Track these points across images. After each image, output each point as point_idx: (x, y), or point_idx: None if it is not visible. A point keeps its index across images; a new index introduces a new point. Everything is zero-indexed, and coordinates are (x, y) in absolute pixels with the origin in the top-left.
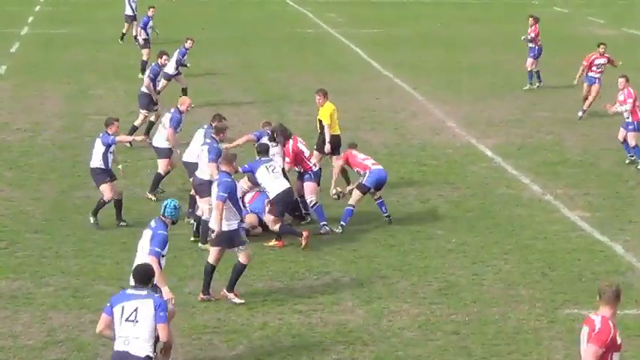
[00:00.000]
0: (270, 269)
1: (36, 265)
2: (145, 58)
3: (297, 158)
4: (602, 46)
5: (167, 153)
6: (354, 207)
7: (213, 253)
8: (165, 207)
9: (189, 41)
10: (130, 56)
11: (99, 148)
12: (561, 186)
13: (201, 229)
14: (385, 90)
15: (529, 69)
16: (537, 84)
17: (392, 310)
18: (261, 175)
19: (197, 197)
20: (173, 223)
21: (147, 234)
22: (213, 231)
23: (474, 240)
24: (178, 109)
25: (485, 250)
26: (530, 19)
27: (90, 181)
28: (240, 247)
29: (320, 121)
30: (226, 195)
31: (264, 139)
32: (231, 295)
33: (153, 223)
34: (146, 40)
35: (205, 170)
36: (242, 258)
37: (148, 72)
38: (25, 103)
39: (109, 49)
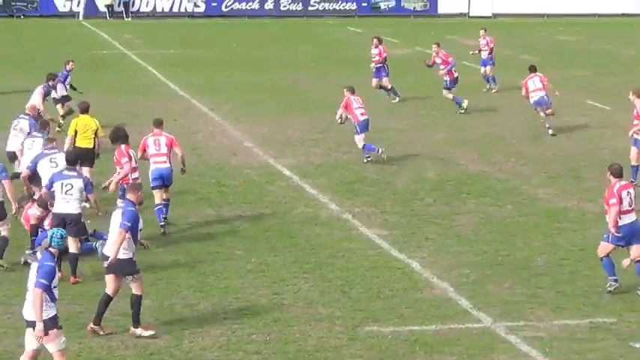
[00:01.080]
0: (69, 292)
1: None
2: None
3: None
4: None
5: None
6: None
7: (109, 282)
8: (52, 237)
9: (70, 63)
10: None
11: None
12: (359, 204)
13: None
14: (182, 111)
15: (488, 74)
16: (494, 88)
17: (193, 331)
18: (55, 190)
19: None
20: (60, 253)
21: (33, 267)
22: (107, 258)
23: (273, 259)
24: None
25: (285, 269)
26: (482, 30)
27: None
28: (135, 275)
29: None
30: (130, 224)
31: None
32: (139, 331)
33: (39, 255)
34: None
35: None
36: (135, 289)
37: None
38: None
39: None
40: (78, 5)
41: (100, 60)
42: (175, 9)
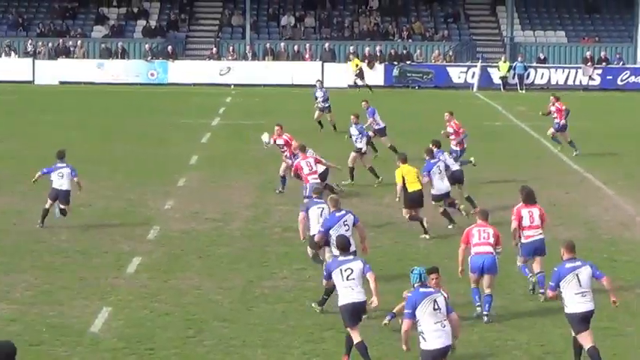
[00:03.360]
0: None
1: (223, 354)
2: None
3: None
4: None
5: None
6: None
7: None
8: (421, 274)
9: (363, 103)
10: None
11: None
12: None
13: None
14: (575, 184)
15: None
16: None
17: None
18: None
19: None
20: None
21: (440, 299)
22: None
23: None
24: None
25: None
26: None
27: (278, 270)
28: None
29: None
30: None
31: None
32: None
33: (430, 288)
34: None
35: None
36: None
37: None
38: (214, 192)
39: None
40: (472, 77)
41: (492, 131)
42: (570, 81)
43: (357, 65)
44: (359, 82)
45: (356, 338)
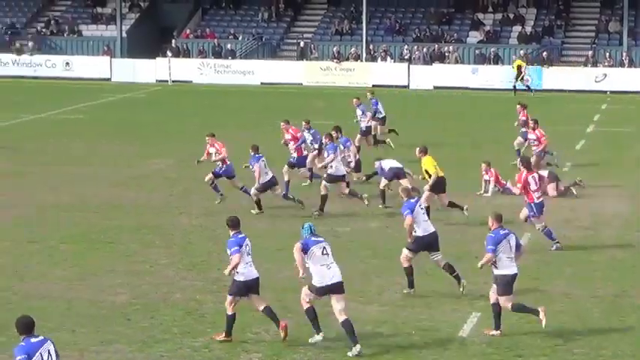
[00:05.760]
0: None
1: None
2: None
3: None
4: None
5: None
6: None
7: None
8: (311, 227)
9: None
10: None
11: None
12: None
13: None
14: None
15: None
16: None
17: None
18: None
19: None
20: None
21: (328, 246)
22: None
23: None
24: None
25: None
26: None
27: None
28: None
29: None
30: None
31: None
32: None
33: (320, 238)
34: None
35: None
36: None
37: None
38: (586, 200)
39: None
40: None
41: None
42: None
43: (518, 67)
44: (518, 85)
45: (230, 311)
